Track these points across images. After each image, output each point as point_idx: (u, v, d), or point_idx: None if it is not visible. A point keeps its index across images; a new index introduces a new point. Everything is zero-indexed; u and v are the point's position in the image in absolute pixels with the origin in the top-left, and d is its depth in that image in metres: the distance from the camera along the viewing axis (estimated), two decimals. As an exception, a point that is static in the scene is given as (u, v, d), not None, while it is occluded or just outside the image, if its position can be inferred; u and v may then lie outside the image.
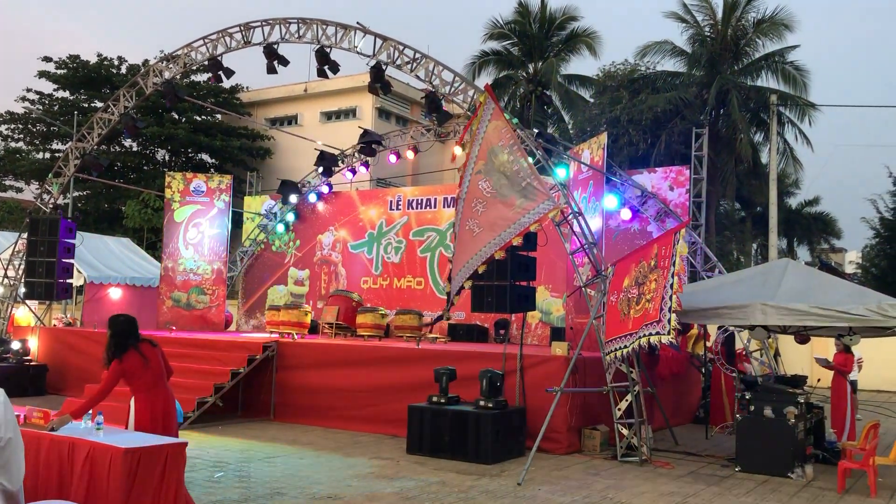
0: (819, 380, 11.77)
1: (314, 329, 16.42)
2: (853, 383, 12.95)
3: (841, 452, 9.95)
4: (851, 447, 9.55)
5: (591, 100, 31.91)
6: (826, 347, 18.91)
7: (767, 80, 29.22)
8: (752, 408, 9.69)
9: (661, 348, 12.17)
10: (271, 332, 14.83)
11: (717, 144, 25.90)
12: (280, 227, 19.97)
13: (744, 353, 14.81)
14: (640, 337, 9.38)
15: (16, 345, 15.50)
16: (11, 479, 2.77)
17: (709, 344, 13.71)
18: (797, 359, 16.85)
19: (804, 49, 29.85)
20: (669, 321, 8.98)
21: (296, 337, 14.26)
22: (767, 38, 28.71)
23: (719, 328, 13.63)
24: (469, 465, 9.46)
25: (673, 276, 9.13)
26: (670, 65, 30.23)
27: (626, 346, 9.66)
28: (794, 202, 39.17)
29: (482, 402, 9.98)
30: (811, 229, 39.34)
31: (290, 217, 19.82)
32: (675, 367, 13.22)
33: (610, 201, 14.25)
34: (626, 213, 15.18)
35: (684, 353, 13.94)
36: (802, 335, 11.59)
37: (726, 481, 9.12)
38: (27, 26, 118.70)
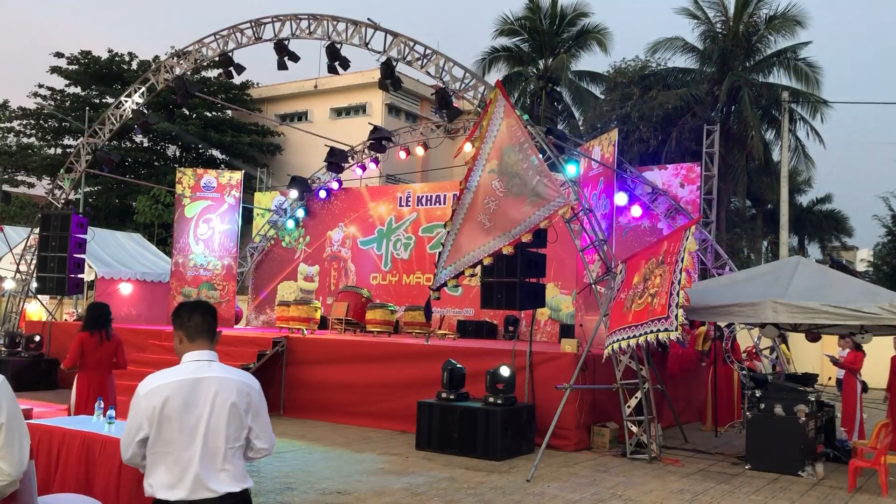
0: (830, 378, 11.74)
1: (324, 325, 16.46)
2: (862, 383, 12.83)
3: (852, 451, 9.91)
4: (862, 446, 9.51)
5: (602, 96, 31.82)
6: (836, 345, 18.84)
7: (779, 77, 29.08)
8: (763, 406, 9.67)
9: (672, 345, 12.14)
10: (281, 328, 14.87)
11: (728, 141, 25.79)
12: (290, 223, 20.00)
13: (754, 350, 14.76)
14: (646, 333, 9.30)
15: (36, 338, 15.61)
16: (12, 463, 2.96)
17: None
18: (808, 357, 16.79)
19: (816, 45, 29.70)
20: (677, 317, 8.93)
21: (305, 332, 14.30)
22: (779, 35, 28.54)
23: (726, 325, 13.59)
24: (478, 462, 9.47)
25: (681, 272, 9.08)
26: (681, 61, 30.14)
27: (626, 339, 9.57)
28: (805, 200, 39.04)
29: (491, 399, 9.98)
30: (822, 227, 39.18)
31: (300, 213, 19.85)
32: (685, 365, 13.18)
33: (620, 198, 14.21)
34: (636, 210, 15.13)
35: (692, 351, 13.89)
36: (814, 333, 11.54)
37: (736, 479, 9.09)
38: (39, 22, 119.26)
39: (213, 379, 3.25)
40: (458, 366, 10.58)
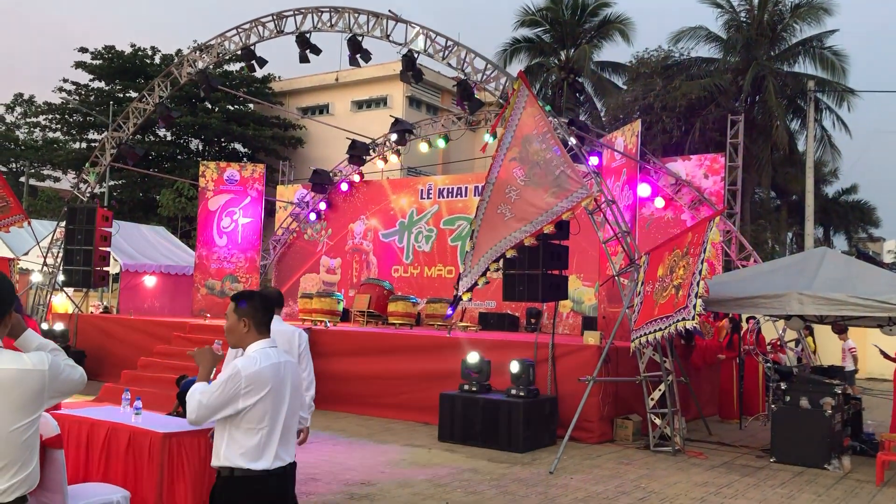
0: (856, 370, 11.59)
1: (346, 317, 16.52)
2: (850, 374, 12.64)
3: (879, 444, 9.79)
4: (891, 439, 9.39)
5: (624, 87, 31.60)
6: (863, 337, 18.59)
7: (805, 66, 28.73)
8: (788, 398, 9.57)
9: (696, 338, 12.05)
10: (304, 320, 14.95)
11: (752, 132, 25.52)
12: (312, 216, 20.08)
13: (778, 343, 14.63)
14: (671, 324, 9.25)
15: (58, 326, 15.82)
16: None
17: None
18: (834, 349, 16.58)
19: (842, 31, 29.25)
20: (695, 306, 8.85)
21: (328, 325, 14.36)
22: (805, 23, 28.18)
23: (749, 318, 13.48)
24: (500, 454, 9.47)
25: (702, 263, 9.01)
26: (705, 51, 29.84)
27: (652, 332, 9.52)
28: (830, 190, 38.58)
29: (513, 391, 9.97)
30: (848, 218, 38.73)
31: (322, 206, 19.92)
32: (709, 357, 13.08)
33: (643, 189, 14.11)
34: (659, 202, 15.03)
35: (717, 343, 13.78)
36: (840, 325, 11.41)
37: (761, 472, 9.02)
38: (63, 18, 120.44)
39: (286, 363, 3.68)
40: (485, 359, 10.57)
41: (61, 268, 17.00)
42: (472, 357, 10.48)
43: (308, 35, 14.74)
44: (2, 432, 2.78)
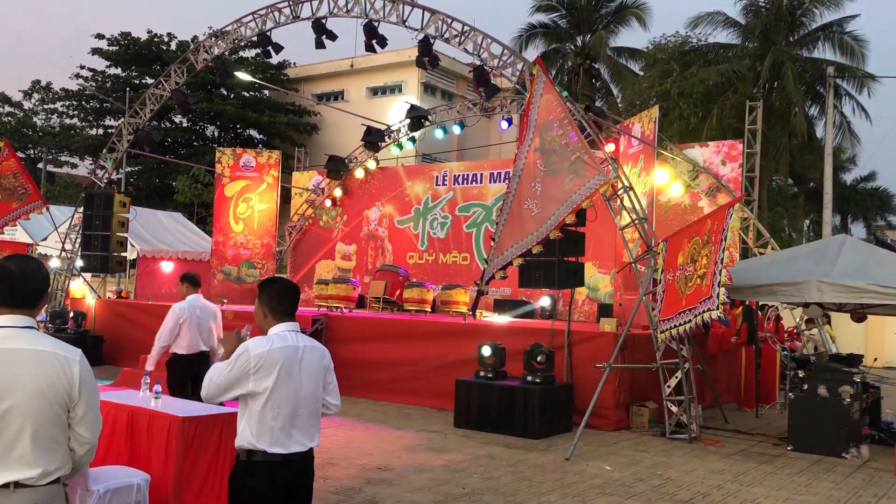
0: (875, 359, 11.51)
1: (361, 303, 16.56)
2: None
3: (898, 433, 9.73)
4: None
5: (641, 73, 31.35)
6: (882, 326, 18.47)
7: (824, 52, 28.39)
8: (806, 386, 9.52)
9: (714, 325, 11.99)
10: (319, 306, 15.00)
11: (770, 118, 25.24)
12: (327, 203, 20.10)
13: (795, 331, 14.55)
14: (697, 315, 9.19)
15: (72, 313, 15.96)
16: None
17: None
18: (852, 337, 16.48)
19: (863, 16, 28.82)
20: (718, 295, 8.81)
21: (344, 311, 14.41)
22: (825, 8, 27.83)
23: (759, 307, 13.39)
24: (516, 440, 9.48)
25: (724, 251, 8.96)
26: (723, 36, 29.54)
27: (681, 324, 9.46)
28: (849, 177, 38.22)
29: (529, 378, 9.97)
30: (866, 205, 38.38)
31: (337, 192, 19.93)
32: (725, 345, 13.02)
33: (661, 176, 14.00)
34: (676, 188, 14.91)
35: (731, 330, 13.71)
36: (859, 313, 11.31)
37: (778, 460, 8.99)
38: (81, 4, 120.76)
39: (306, 347, 3.68)
40: (500, 345, 10.57)
41: (79, 253, 17.13)
42: (488, 344, 10.49)
43: (324, 20, 14.71)
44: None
